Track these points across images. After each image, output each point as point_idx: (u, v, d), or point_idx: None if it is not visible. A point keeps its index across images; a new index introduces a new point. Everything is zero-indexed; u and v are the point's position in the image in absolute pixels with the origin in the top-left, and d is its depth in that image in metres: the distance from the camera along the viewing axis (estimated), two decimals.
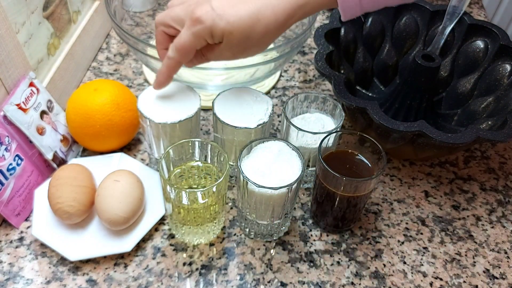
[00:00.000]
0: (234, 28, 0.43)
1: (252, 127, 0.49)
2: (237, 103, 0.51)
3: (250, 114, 0.50)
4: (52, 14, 0.62)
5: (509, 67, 0.61)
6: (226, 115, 0.49)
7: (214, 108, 0.50)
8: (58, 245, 0.48)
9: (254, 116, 0.50)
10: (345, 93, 0.54)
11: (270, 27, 0.43)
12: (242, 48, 0.45)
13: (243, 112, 0.50)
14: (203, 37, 0.44)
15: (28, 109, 0.52)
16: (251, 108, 0.51)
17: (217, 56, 0.47)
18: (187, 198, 0.45)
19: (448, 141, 0.49)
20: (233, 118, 0.49)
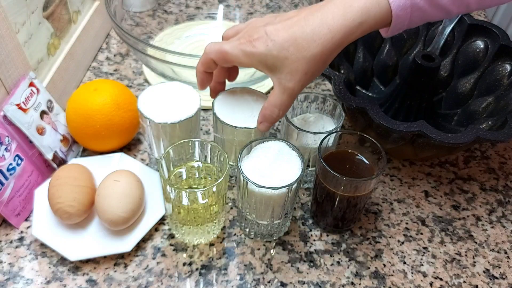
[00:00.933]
0: (289, 53, 0.42)
1: (252, 127, 0.48)
2: (237, 103, 0.51)
3: (250, 114, 0.50)
4: (52, 14, 0.62)
5: (509, 67, 0.61)
6: (226, 115, 0.49)
7: (214, 108, 0.50)
8: (58, 245, 0.48)
9: (254, 116, 0.49)
10: (345, 93, 0.54)
11: (326, 47, 0.42)
12: (302, 73, 0.43)
13: (243, 112, 0.50)
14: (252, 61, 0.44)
15: (28, 109, 0.52)
16: (251, 108, 0.50)
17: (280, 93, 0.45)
18: (187, 198, 0.45)
19: (448, 141, 0.49)
20: (233, 118, 0.49)
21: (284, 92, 0.44)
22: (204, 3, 0.86)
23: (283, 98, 0.45)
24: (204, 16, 0.84)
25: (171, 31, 0.80)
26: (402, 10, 0.42)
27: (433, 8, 0.43)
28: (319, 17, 0.42)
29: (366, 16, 0.41)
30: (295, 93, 0.45)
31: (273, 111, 0.45)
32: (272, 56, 0.43)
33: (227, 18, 0.84)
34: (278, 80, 0.44)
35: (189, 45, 0.77)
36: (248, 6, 0.85)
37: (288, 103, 0.45)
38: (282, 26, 0.43)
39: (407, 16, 0.42)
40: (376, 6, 0.41)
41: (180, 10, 0.84)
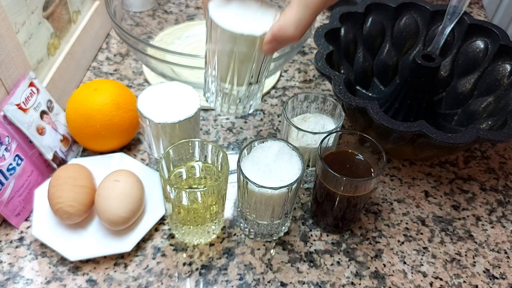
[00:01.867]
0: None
1: (257, 34, 0.38)
2: (238, 8, 0.40)
3: (253, 20, 0.40)
4: (52, 14, 0.62)
5: (509, 67, 0.61)
6: (224, 19, 0.38)
7: (209, 9, 0.39)
8: (58, 245, 0.48)
9: (259, 22, 0.39)
10: (345, 93, 0.54)
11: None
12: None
13: (246, 16, 0.40)
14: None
15: (28, 109, 0.52)
16: (255, 12, 0.40)
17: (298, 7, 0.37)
18: (187, 198, 0.45)
19: (448, 141, 0.49)
20: (233, 23, 0.38)
21: (305, 7, 0.36)
22: None
23: (303, 13, 0.36)
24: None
25: (171, 31, 0.80)
26: None
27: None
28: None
29: None
30: (317, 10, 0.37)
31: (287, 29, 0.37)
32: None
33: None
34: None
35: (189, 45, 0.77)
36: None
37: (307, 21, 0.37)
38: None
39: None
40: None
41: (180, 10, 0.84)
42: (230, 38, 0.38)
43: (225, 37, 0.39)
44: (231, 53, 0.40)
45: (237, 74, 0.41)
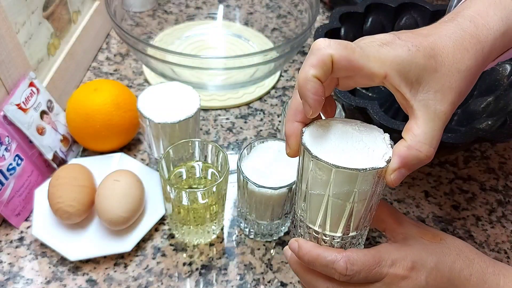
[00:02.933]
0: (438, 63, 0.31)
1: (380, 165, 0.31)
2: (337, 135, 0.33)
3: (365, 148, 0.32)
4: (52, 14, 0.62)
5: (509, 67, 0.61)
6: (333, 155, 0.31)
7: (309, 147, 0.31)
8: (58, 245, 0.48)
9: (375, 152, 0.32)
10: (345, 93, 0.54)
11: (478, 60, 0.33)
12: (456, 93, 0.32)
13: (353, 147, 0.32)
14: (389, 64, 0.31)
15: (28, 109, 0.52)
16: (362, 141, 0.33)
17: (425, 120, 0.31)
18: (187, 198, 0.45)
19: (448, 141, 0.49)
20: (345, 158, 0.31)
21: (434, 119, 0.31)
22: (204, 3, 0.86)
23: (435, 127, 0.31)
24: (204, 16, 0.84)
25: (171, 31, 0.80)
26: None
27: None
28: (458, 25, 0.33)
29: (506, 23, 0.33)
30: (447, 121, 0.32)
31: (420, 149, 0.31)
32: (416, 65, 0.30)
33: (227, 18, 0.84)
34: (424, 102, 0.31)
35: (189, 45, 0.78)
36: (248, 6, 0.85)
37: (439, 135, 0.31)
38: (414, 34, 0.32)
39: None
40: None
41: (180, 10, 0.84)
42: (349, 178, 0.30)
43: (341, 178, 0.30)
44: (349, 195, 0.31)
45: (354, 218, 0.33)
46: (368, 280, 0.34)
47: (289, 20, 0.82)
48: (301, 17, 0.78)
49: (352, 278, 0.33)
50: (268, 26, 0.82)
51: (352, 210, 0.32)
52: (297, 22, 0.79)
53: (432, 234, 0.37)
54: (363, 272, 0.33)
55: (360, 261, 0.33)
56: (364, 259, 0.33)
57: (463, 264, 0.35)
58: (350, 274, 0.33)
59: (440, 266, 0.34)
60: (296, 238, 0.36)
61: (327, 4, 0.91)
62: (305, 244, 0.35)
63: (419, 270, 0.34)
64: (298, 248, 0.35)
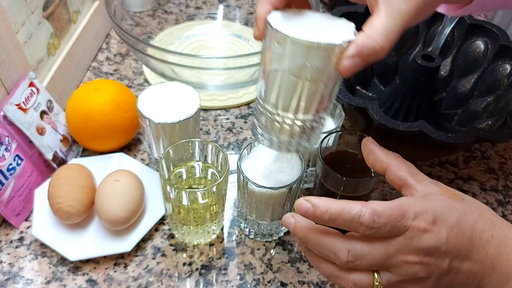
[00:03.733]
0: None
1: (337, 43, 0.31)
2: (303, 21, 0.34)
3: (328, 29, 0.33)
4: (52, 14, 0.62)
5: (509, 67, 0.61)
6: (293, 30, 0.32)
7: (271, 22, 0.33)
8: (58, 245, 0.48)
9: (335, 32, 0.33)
10: (345, 93, 0.54)
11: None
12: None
13: (316, 31, 0.33)
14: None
15: (28, 109, 0.52)
16: (328, 24, 0.34)
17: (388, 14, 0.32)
18: (187, 198, 0.45)
19: (448, 141, 0.49)
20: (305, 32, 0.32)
21: (396, 16, 0.32)
22: (204, 3, 0.86)
23: (393, 23, 0.32)
24: (204, 16, 0.84)
25: (171, 31, 0.80)
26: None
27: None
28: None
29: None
30: (409, 22, 0.32)
31: (378, 40, 0.31)
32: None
33: (227, 18, 0.84)
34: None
35: (189, 45, 0.78)
36: (248, 6, 0.85)
37: (398, 33, 0.32)
38: None
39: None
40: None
41: (180, 10, 0.84)
42: (302, 50, 0.31)
43: (296, 51, 0.32)
44: (302, 71, 0.32)
45: (305, 99, 0.34)
46: (392, 233, 0.33)
47: None
48: None
49: (378, 231, 0.32)
50: None
51: (304, 89, 0.33)
52: None
53: (453, 193, 0.36)
54: (389, 224, 0.32)
55: (386, 213, 0.32)
56: (390, 211, 0.32)
57: (484, 225, 0.34)
58: (377, 227, 0.32)
59: (462, 224, 0.34)
60: (306, 197, 0.34)
61: (327, 4, 0.91)
62: (322, 202, 0.33)
63: (440, 225, 0.33)
64: (313, 207, 0.33)
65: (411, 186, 0.36)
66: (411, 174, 0.37)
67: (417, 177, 0.37)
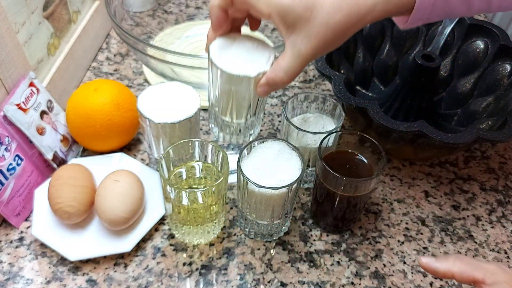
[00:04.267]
0: (312, 16, 0.38)
1: (252, 75, 0.41)
2: (236, 50, 0.44)
3: (250, 62, 0.43)
4: (52, 14, 0.62)
5: (509, 67, 0.61)
6: (223, 62, 0.42)
7: (211, 53, 0.43)
8: (58, 245, 0.48)
9: (253, 65, 0.42)
10: (345, 93, 0.54)
11: (351, 18, 0.39)
12: (321, 40, 0.39)
13: (243, 59, 0.43)
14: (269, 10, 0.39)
15: (28, 109, 0.52)
16: (252, 56, 0.43)
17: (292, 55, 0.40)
18: (187, 198, 0.45)
19: (448, 141, 0.49)
20: (231, 65, 0.42)
21: (296, 57, 0.40)
22: (204, 3, 0.86)
23: (294, 63, 0.40)
24: (204, 16, 0.84)
25: (171, 31, 0.80)
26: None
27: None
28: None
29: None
30: (307, 61, 0.41)
31: (278, 75, 0.41)
32: (294, 13, 0.38)
33: None
34: (292, 43, 0.40)
35: (189, 45, 0.77)
36: None
37: (297, 70, 0.41)
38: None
39: (431, 2, 0.40)
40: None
41: (180, 10, 0.84)
42: (228, 78, 0.42)
43: (224, 78, 0.43)
44: (230, 91, 0.44)
45: (236, 109, 0.45)
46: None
47: None
48: None
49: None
50: (268, 26, 0.82)
51: (233, 102, 0.44)
52: None
53: None
54: None
55: None
56: None
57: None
58: None
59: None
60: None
61: None
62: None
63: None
64: None
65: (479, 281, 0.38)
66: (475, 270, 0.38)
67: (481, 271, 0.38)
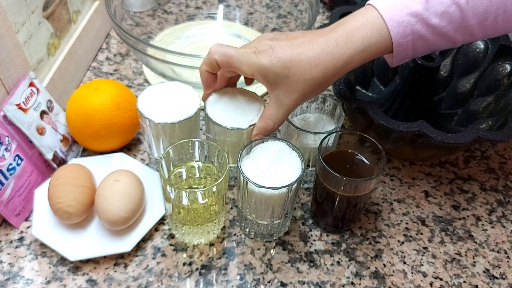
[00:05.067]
0: (291, 73, 0.43)
1: (244, 127, 0.48)
2: (229, 103, 0.50)
3: (242, 114, 0.49)
4: (52, 14, 0.62)
5: (509, 67, 0.61)
6: (217, 115, 0.49)
7: (206, 108, 0.50)
8: (58, 245, 0.48)
9: (246, 117, 0.49)
10: (345, 93, 0.54)
11: (327, 72, 0.43)
12: (300, 94, 0.45)
13: (235, 112, 0.50)
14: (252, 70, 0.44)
15: (28, 109, 0.52)
16: (243, 109, 0.50)
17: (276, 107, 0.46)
18: (187, 198, 0.45)
19: (448, 141, 0.49)
20: (225, 118, 0.49)
21: (279, 108, 0.46)
22: (204, 3, 0.86)
23: (278, 113, 0.46)
24: (204, 16, 0.84)
25: (171, 31, 0.80)
26: (402, 37, 0.42)
27: (436, 36, 0.43)
28: (323, 43, 0.43)
29: (368, 44, 0.43)
30: (290, 110, 0.47)
31: (268, 123, 0.47)
32: (273, 72, 0.44)
33: (227, 18, 0.84)
34: (276, 96, 0.46)
35: (189, 45, 0.78)
36: (248, 6, 0.85)
37: (282, 118, 0.47)
38: (288, 44, 0.44)
39: (409, 44, 0.43)
40: (377, 34, 0.42)
41: (180, 10, 0.84)
42: (223, 131, 0.49)
43: (219, 130, 0.49)
44: (225, 140, 0.50)
45: (231, 153, 0.51)
46: None
47: (289, 20, 0.82)
48: (301, 17, 0.78)
49: None
50: (268, 26, 0.82)
51: (229, 148, 0.51)
52: (297, 22, 0.79)
53: None
54: None
55: None
56: None
57: None
58: None
59: None
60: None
61: (327, 4, 0.91)
62: None
63: None
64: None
65: None
66: None
67: None
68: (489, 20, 0.42)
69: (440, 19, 0.42)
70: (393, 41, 0.42)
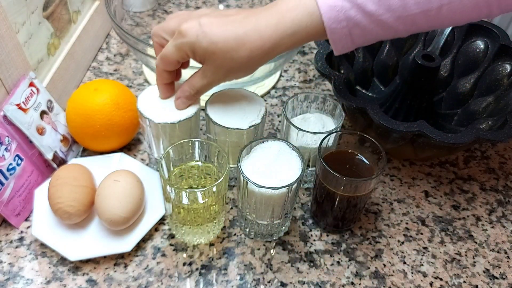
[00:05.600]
0: (217, 49, 0.42)
1: (244, 128, 0.48)
2: (230, 104, 0.51)
3: (242, 115, 0.50)
4: (52, 14, 0.62)
5: (509, 67, 0.61)
6: (218, 116, 0.49)
7: (207, 108, 0.50)
8: (58, 245, 0.48)
9: (246, 118, 0.49)
10: (345, 93, 0.54)
11: (255, 52, 0.42)
12: (226, 70, 0.45)
13: (236, 113, 0.50)
14: (184, 51, 0.44)
15: (28, 109, 0.52)
16: (244, 110, 0.50)
17: (201, 77, 0.46)
18: (187, 198, 0.45)
19: (448, 141, 0.49)
20: (225, 119, 0.49)
21: (204, 79, 0.46)
22: (204, 3, 0.86)
23: (203, 83, 0.47)
24: None
25: None
26: (336, 23, 0.40)
27: (374, 25, 0.40)
28: (253, 22, 0.42)
29: (297, 27, 0.41)
30: (214, 84, 0.47)
31: (189, 91, 0.48)
32: (200, 47, 0.43)
33: None
34: (204, 68, 0.46)
35: None
36: (248, 6, 0.85)
37: (205, 89, 0.47)
38: (217, 21, 0.43)
39: (345, 31, 0.41)
40: (308, 17, 0.41)
41: (180, 10, 0.84)
42: (224, 131, 0.49)
43: (220, 130, 0.49)
44: (225, 141, 0.50)
45: (231, 154, 0.52)
46: None
47: None
48: None
49: None
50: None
51: (229, 148, 0.51)
52: None
53: None
54: None
55: None
56: None
57: None
58: None
59: None
60: None
61: None
62: None
63: None
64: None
65: None
66: None
67: None
68: (433, 11, 0.40)
69: (377, 6, 0.39)
70: (326, 26, 0.40)
